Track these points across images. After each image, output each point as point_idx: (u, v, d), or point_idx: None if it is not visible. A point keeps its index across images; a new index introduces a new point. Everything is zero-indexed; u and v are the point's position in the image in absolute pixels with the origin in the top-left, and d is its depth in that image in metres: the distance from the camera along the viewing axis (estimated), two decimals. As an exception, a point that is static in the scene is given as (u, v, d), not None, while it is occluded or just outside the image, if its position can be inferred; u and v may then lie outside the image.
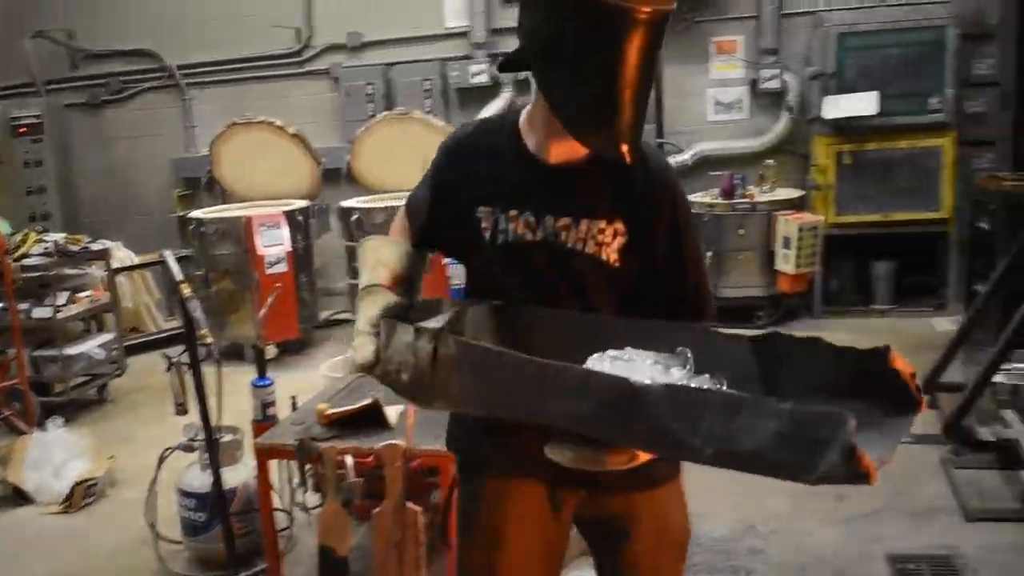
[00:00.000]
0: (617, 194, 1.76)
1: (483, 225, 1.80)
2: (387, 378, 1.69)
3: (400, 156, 6.46)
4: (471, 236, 1.82)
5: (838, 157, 6.78)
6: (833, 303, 7.01)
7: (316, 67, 8.12)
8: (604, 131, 1.58)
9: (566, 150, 1.73)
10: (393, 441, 2.72)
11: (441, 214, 1.88)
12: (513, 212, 1.79)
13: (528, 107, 1.81)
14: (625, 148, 1.59)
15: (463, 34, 7.73)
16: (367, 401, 3.00)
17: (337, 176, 7.68)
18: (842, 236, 6.86)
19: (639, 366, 1.58)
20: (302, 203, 7.05)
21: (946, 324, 6.38)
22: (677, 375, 1.56)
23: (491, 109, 7.51)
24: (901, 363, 1.48)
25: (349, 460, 2.77)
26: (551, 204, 1.77)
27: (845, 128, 6.66)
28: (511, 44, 1.93)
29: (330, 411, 3.03)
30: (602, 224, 1.75)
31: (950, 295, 6.82)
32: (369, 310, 1.74)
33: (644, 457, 1.56)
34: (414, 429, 2.76)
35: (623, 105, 1.56)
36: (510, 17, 7.63)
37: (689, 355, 1.59)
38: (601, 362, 1.60)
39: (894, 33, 6.65)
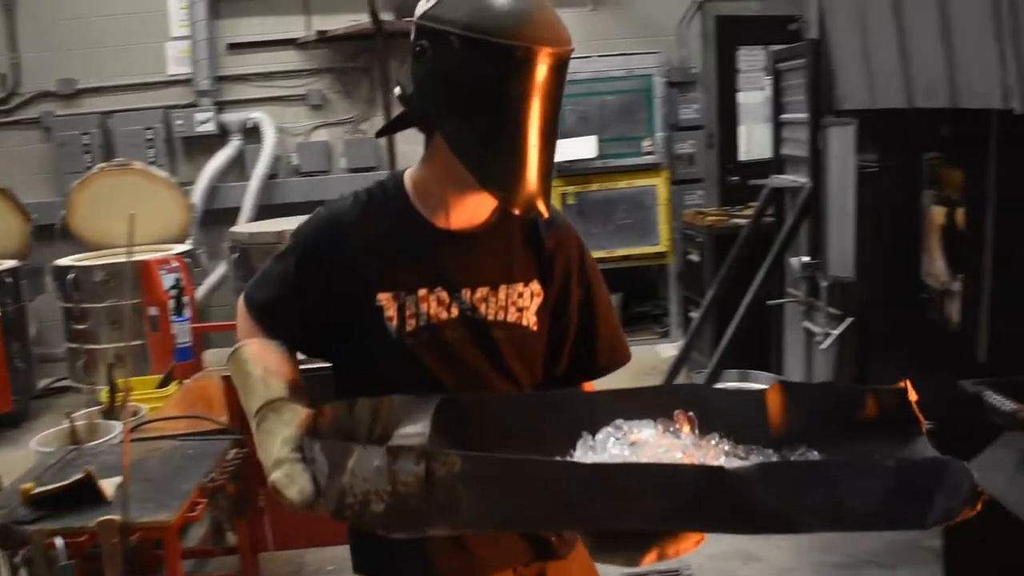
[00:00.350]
0: (529, 253, 1.67)
1: (387, 314, 1.60)
2: (346, 512, 1.38)
3: (120, 209, 6.07)
4: (369, 330, 1.61)
5: (563, 198, 7.14)
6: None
7: (24, 116, 7.50)
8: (520, 186, 1.48)
9: (468, 214, 1.63)
10: (108, 516, 2.52)
11: (319, 314, 1.64)
12: (423, 292, 1.61)
13: (412, 171, 1.67)
14: (541, 203, 1.50)
15: (187, 81, 7.44)
16: (79, 475, 2.76)
17: (51, 232, 7.11)
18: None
19: (646, 437, 1.47)
20: (10, 263, 6.45)
21: (670, 350, 6.83)
22: (688, 440, 1.47)
23: (220, 159, 7.28)
24: (912, 393, 1.48)
25: (59, 542, 2.53)
26: (465, 275, 1.62)
27: (568, 171, 7.03)
28: (237, 91, 1.83)
29: (36, 490, 2.75)
30: (520, 287, 1.65)
31: (672, 323, 7.34)
32: (281, 431, 1.47)
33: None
34: (132, 502, 2.57)
35: (537, 156, 1.48)
36: (235, 64, 7.47)
37: (693, 416, 1.51)
38: (608, 443, 1.47)
39: (608, 81, 7.12)
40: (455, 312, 1.61)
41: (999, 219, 2.79)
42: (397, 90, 1.57)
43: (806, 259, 4.59)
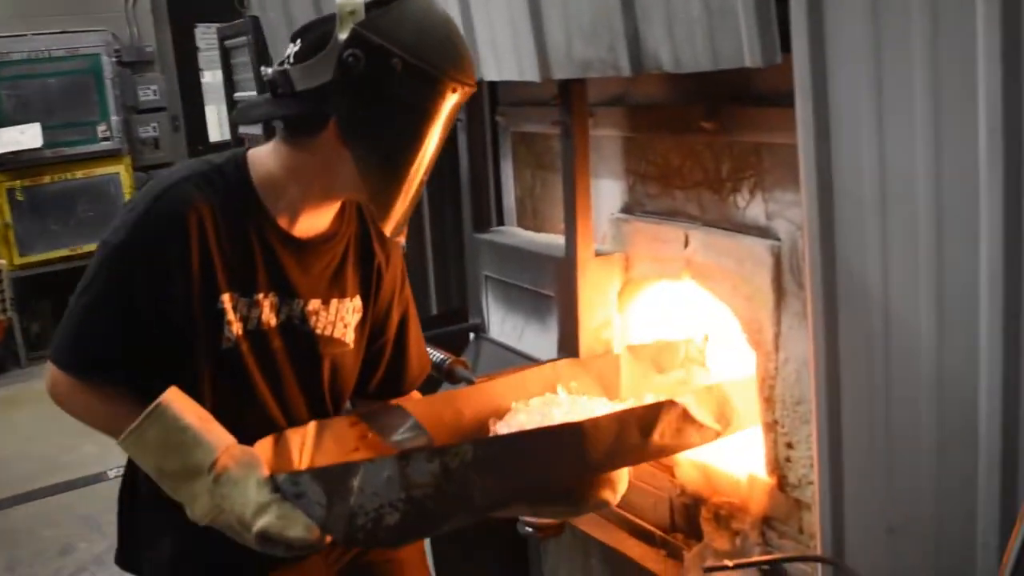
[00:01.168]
0: (359, 269, 1.66)
1: (227, 318, 1.51)
2: (358, 535, 1.36)
3: None
4: (202, 335, 1.50)
5: (10, 194, 6.34)
6: (41, 347, 6.58)
7: None
8: (402, 209, 1.51)
9: (313, 221, 1.58)
10: None
11: (147, 328, 1.47)
12: (259, 296, 1.54)
13: (261, 163, 1.53)
14: (405, 229, 1.55)
15: None
16: None
17: None
18: (33, 276, 6.47)
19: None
20: None
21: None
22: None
23: None
24: None
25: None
26: (302, 284, 1.58)
27: (12, 163, 6.25)
28: None
29: None
30: (347, 302, 1.65)
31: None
32: (249, 476, 1.38)
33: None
34: None
35: (419, 183, 1.52)
36: None
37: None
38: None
39: (48, 62, 6.43)
40: (283, 320, 1.58)
41: (430, 183, 2.99)
42: (268, 71, 1.50)
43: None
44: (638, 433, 1.60)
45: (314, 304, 1.60)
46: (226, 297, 1.51)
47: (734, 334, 1.91)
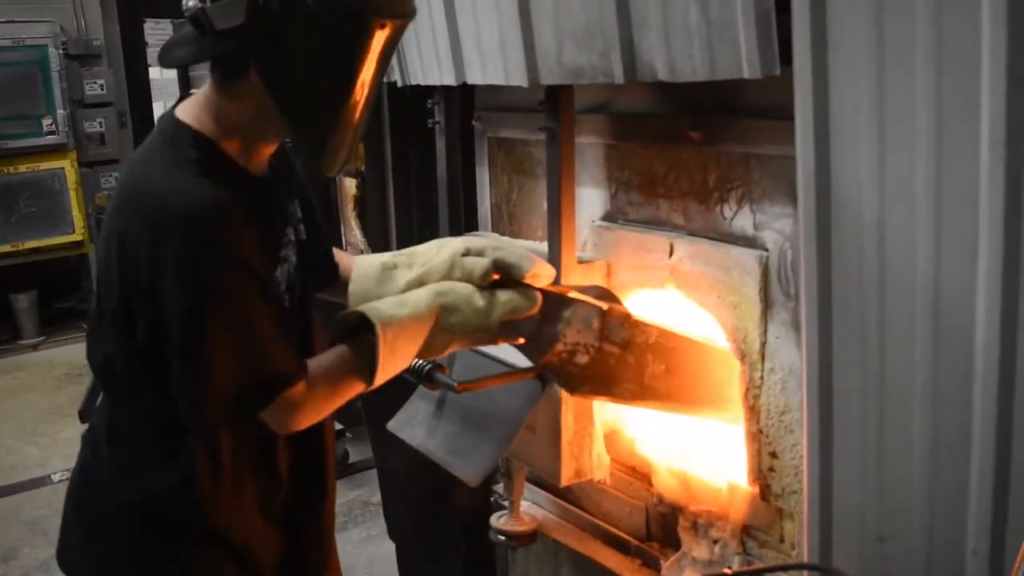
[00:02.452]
0: (301, 192, 1.69)
1: (281, 288, 1.53)
2: (553, 359, 1.57)
3: None
4: (279, 306, 1.52)
5: (-50, 187, 6.16)
6: (-19, 344, 6.39)
7: None
8: (341, 152, 1.47)
9: (263, 158, 1.54)
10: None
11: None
12: (284, 251, 1.55)
13: (204, 116, 1.45)
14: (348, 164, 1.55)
15: None
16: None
17: None
18: (-28, 272, 6.28)
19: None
20: None
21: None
22: None
23: None
24: None
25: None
26: (284, 219, 1.59)
27: (-47, 155, 6.07)
28: None
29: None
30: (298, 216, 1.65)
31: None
32: (462, 286, 1.60)
33: None
34: None
35: (358, 124, 1.46)
36: None
37: None
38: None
39: (-7, 53, 6.26)
40: (293, 262, 1.58)
41: (396, 189, 2.97)
42: (189, 3, 1.38)
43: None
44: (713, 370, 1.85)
45: (290, 235, 1.60)
46: (274, 269, 1.52)
47: (718, 343, 1.92)
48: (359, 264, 1.77)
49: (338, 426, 4.28)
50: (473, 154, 2.64)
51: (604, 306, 1.59)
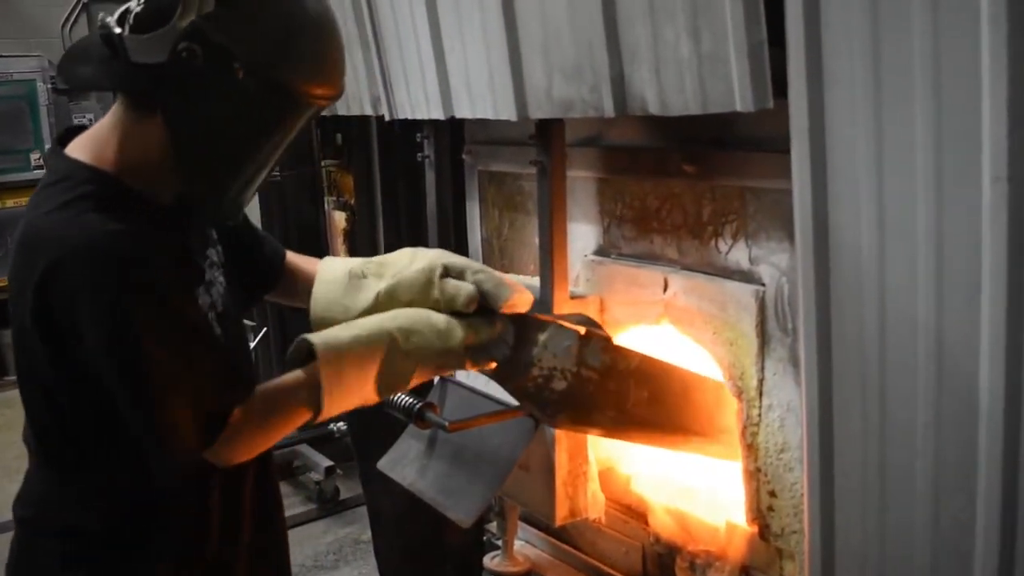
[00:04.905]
0: None
1: (210, 316, 1.42)
2: (529, 384, 1.50)
3: None
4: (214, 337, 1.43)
5: (-63, 223, 6.10)
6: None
7: None
8: (228, 203, 1.41)
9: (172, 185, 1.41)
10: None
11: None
12: (209, 276, 1.46)
13: (104, 149, 1.33)
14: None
15: None
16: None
17: None
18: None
19: None
20: None
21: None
22: None
23: None
24: None
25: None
26: (204, 241, 1.50)
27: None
28: None
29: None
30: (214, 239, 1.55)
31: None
32: (426, 313, 1.49)
33: None
34: None
35: (256, 184, 1.42)
36: None
37: None
38: None
39: (-20, 88, 6.24)
40: (222, 280, 1.50)
41: (386, 222, 2.94)
42: (108, 19, 1.30)
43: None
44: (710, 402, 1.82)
45: (212, 256, 1.50)
46: (201, 296, 1.41)
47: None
48: (324, 268, 1.66)
49: (328, 462, 4.23)
50: (463, 188, 2.61)
51: (581, 330, 1.53)
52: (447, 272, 1.55)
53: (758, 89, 1.44)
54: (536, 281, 2.11)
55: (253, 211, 4.14)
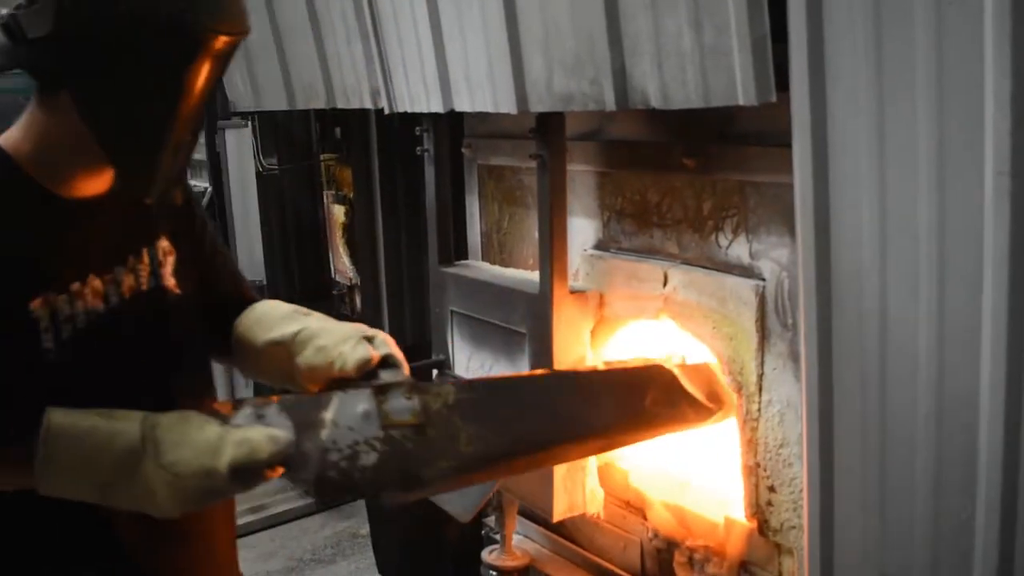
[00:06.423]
0: (160, 209, 1.40)
1: (42, 325, 1.25)
2: (330, 472, 1.18)
3: None
4: (19, 350, 1.25)
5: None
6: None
7: None
8: (160, 177, 1.29)
9: (100, 178, 1.33)
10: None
11: None
12: (76, 285, 1.29)
13: (15, 140, 1.29)
14: (178, 193, 1.41)
15: None
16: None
17: None
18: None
19: None
20: None
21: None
22: None
23: None
24: None
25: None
26: (116, 250, 1.36)
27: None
28: None
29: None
30: (160, 244, 1.43)
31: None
32: (190, 421, 1.21)
33: None
34: None
35: (181, 147, 1.29)
36: None
37: None
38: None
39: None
40: (116, 299, 1.35)
41: (385, 216, 2.94)
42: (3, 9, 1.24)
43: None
44: (628, 390, 1.54)
45: (132, 261, 1.39)
46: (37, 304, 1.26)
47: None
48: (266, 302, 1.60)
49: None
50: (462, 182, 2.61)
51: (370, 386, 1.29)
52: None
53: (761, 82, 1.43)
54: (535, 276, 2.11)
55: (251, 205, 4.13)
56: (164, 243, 1.46)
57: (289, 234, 4.23)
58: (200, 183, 4.63)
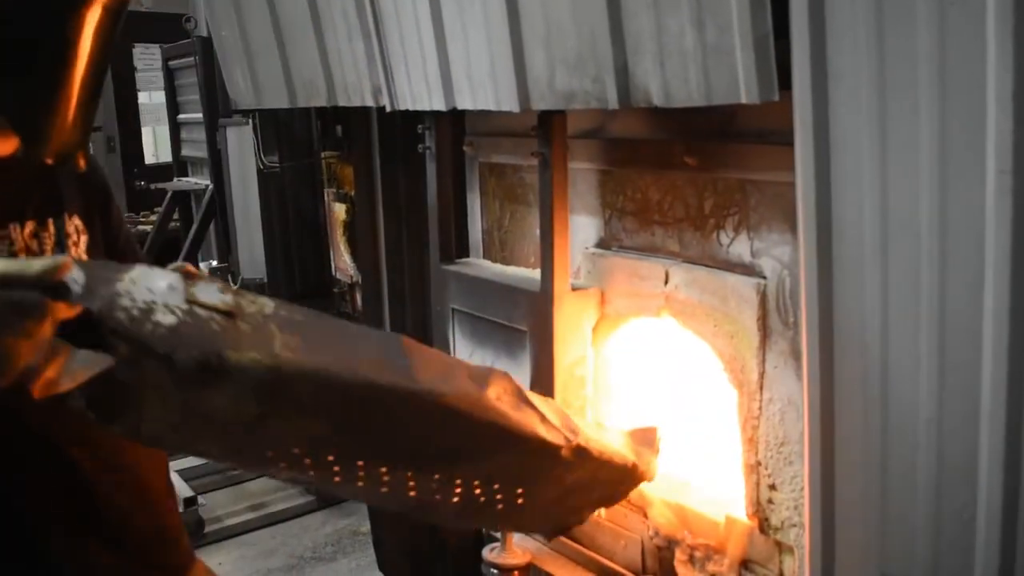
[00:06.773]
0: (68, 183, 1.41)
1: None
2: (118, 313, 1.00)
3: None
4: None
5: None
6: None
7: None
8: (59, 136, 1.25)
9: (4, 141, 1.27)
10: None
11: None
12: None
13: None
14: (81, 157, 1.33)
15: None
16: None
17: None
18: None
19: None
20: None
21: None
22: None
23: None
24: None
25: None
26: (14, 210, 1.33)
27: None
28: None
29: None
30: (72, 220, 1.40)
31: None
32: None
33: None
34: None
35: (79, 106, 1.25)
36: None
37: None
38: None
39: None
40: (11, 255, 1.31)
41: (386, 214, 2.93)
42: None
43: (214, 263, 4.46)
44: (470, 381, 1.38)
45: (30, 226, 1.35)
46: None
47: (713, 372, 1.88)
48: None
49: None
50: (464, 180, 2.60)
51: (178, 269, 1.16)
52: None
53: (764, 81, 1.43)
54: (537, 274, 2.11)
55: (252, 203, 4.13)
56: (77, 221, 1.43)
57: (290, 232, 4.23)
58: (201, 180, 4.64)
